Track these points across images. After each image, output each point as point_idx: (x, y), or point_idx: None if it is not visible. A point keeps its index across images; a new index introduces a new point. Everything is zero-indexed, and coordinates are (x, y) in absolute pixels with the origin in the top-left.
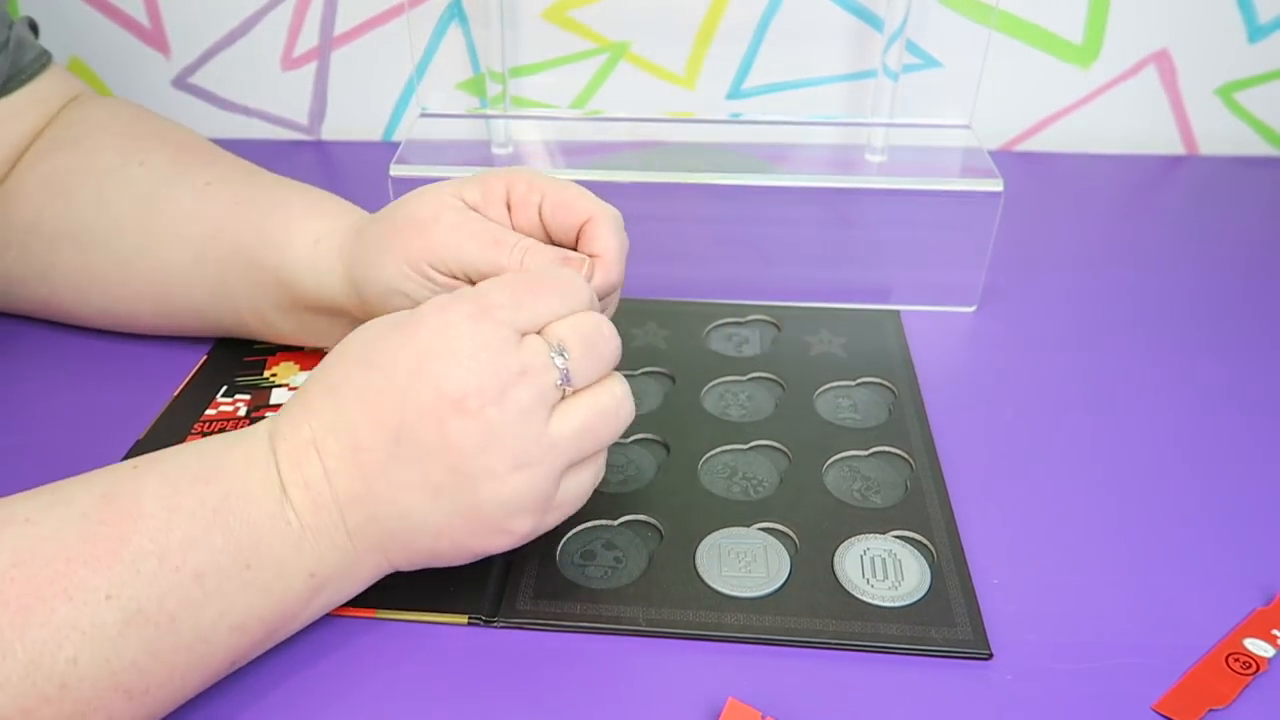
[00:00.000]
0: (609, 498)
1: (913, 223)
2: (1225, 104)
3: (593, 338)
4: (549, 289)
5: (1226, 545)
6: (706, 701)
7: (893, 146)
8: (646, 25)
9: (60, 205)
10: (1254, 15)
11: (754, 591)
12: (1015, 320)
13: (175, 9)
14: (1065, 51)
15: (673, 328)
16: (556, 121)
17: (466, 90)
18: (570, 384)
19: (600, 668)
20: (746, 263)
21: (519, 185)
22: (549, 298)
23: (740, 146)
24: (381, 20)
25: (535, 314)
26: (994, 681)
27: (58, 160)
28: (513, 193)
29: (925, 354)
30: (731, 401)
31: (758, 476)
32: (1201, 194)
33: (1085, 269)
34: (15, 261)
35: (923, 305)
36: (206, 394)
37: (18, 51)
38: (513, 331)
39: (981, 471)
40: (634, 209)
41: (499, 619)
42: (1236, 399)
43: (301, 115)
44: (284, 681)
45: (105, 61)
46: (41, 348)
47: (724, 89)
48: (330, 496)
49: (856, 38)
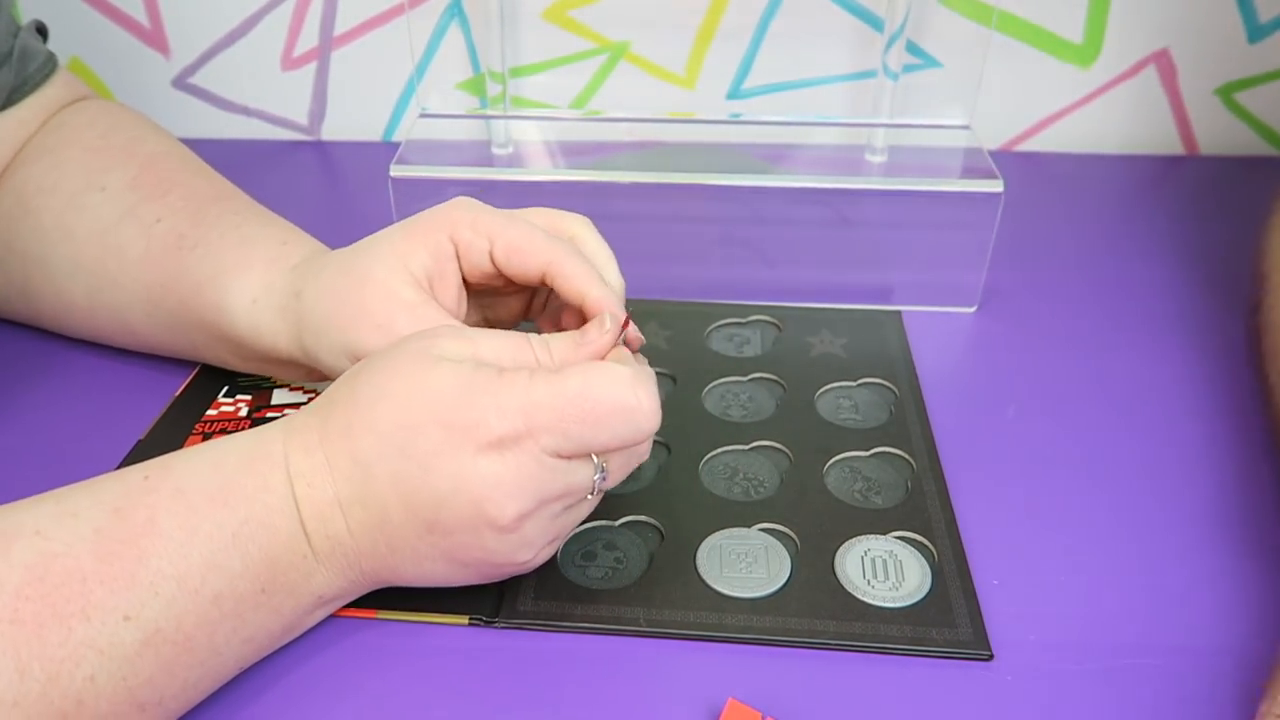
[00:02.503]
0: (610, 498)
1: (913, 223)
2: (1225, 104)
3: (637, 450)
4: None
5: (1227, 545)
6: (706, 701)
7: (893, 147)
8: (646, 25)
9: (28, 226)
10: (1254, 15)
11: (754, 592)
12: (1015, 320)
13: (175, 9)
14: (1065, 51)
15: (674, 328)
16: (556, 121)
17: (466, 90)
18: (604, 484)
19: (600, 668)
20: (747, 263)
21: (463, 233)
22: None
23: (740, 146)
24: (381, 20)
25: (591, 447)
26: (994, 682)
27: (30, 171)
28: (459, 244)
29: (926, 354)
30: (732, 402)
31: (758, 477)
32: (1201, 194)
33: (1085, 269)
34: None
35: (923, 305)
36: (207, 394)
37: (22, 62)
38: (562, 460)
39: (982, 472)
40: (634, 209)
41: (500, 619)
42: (1236, 398)
43: (301, 115)
44: (284, 681)
45: (105, 62)
46: (41, 348)
47: (724, 89)
48: (352, 548)
49: (857, 38)
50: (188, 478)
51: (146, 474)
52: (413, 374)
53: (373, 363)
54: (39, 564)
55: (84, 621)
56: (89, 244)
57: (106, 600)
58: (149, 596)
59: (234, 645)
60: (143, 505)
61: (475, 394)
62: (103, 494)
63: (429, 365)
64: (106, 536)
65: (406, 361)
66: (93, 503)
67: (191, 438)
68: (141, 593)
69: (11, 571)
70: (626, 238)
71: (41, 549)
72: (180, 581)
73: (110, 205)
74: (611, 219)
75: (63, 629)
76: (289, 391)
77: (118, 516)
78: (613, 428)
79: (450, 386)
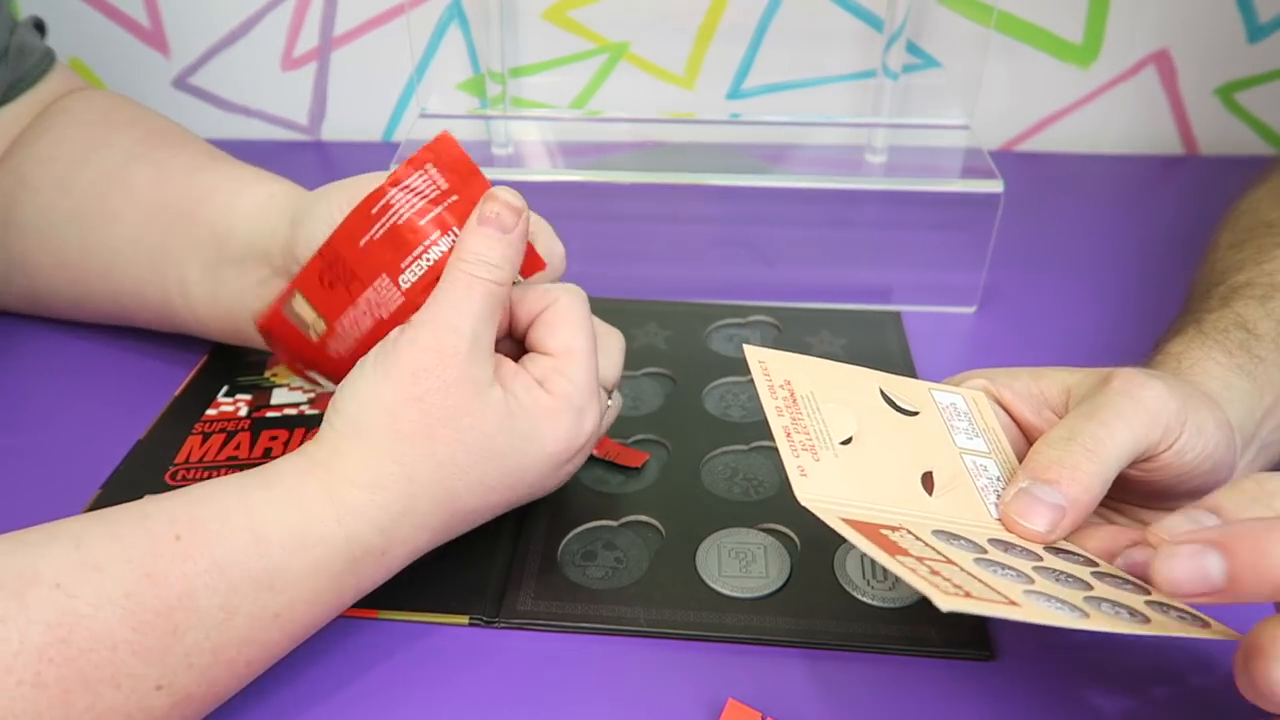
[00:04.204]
0: (610, 498)
1: (913, 223)
2: (1225, 104)
3: None
4: (616, 351)
5: None
6: (706, 701)
7: (893, 147)
8: (646, 25)
9: (27, 197)
10: (1254, 15)
11: (754, 592)
12: (1015, 320)
13: (175, 9)
14: (1065, 51)
15: (673, 328)
16: (556, 122)
17: (466, 91)
18: None
19: (600, 668)
20: (747, 263)
21: None
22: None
23: (740, 147)
24: (381, 20)
25: (608, 375)
26: (994, 682)
27: (30, 150)
28: None
29: (926, 354)
30: (732, 402)
31: (758, 477)
32: (1201, 194)
33: (1085, 269)
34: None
35: (923, 306)
36: (207, 394)
37: (19, 58)
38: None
39: None
40: (634, 209)
41: (500, 619)
42: None
43: (301, 116)
44: (285, 681)
45: (105, 62)
46: (41, 348)
47: (724, 89)
48: (402, 559)
49: (856, 38)
50: (226, 553)
51: (178, 534)
52: (467, 413)
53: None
54: (63, 624)
55: (114, 689)
56: (93, 187)
57: (138, 669)
58: (182, 668)
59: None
60: (178, 575)
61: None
62: (130, 550)
63: (479, 401)
64: (138, 604)
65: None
66: (120, 559)
67: (191, 437)
68: (175, 664)
69: (30, 628)
70: (626, 238)
71: (65, 607)
72: (215, 654)
73: (118, 154)
74: (611, 219)
75: (90, 695)
76: (289, 391)
77: (150, 582)
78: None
79: (513, 427)
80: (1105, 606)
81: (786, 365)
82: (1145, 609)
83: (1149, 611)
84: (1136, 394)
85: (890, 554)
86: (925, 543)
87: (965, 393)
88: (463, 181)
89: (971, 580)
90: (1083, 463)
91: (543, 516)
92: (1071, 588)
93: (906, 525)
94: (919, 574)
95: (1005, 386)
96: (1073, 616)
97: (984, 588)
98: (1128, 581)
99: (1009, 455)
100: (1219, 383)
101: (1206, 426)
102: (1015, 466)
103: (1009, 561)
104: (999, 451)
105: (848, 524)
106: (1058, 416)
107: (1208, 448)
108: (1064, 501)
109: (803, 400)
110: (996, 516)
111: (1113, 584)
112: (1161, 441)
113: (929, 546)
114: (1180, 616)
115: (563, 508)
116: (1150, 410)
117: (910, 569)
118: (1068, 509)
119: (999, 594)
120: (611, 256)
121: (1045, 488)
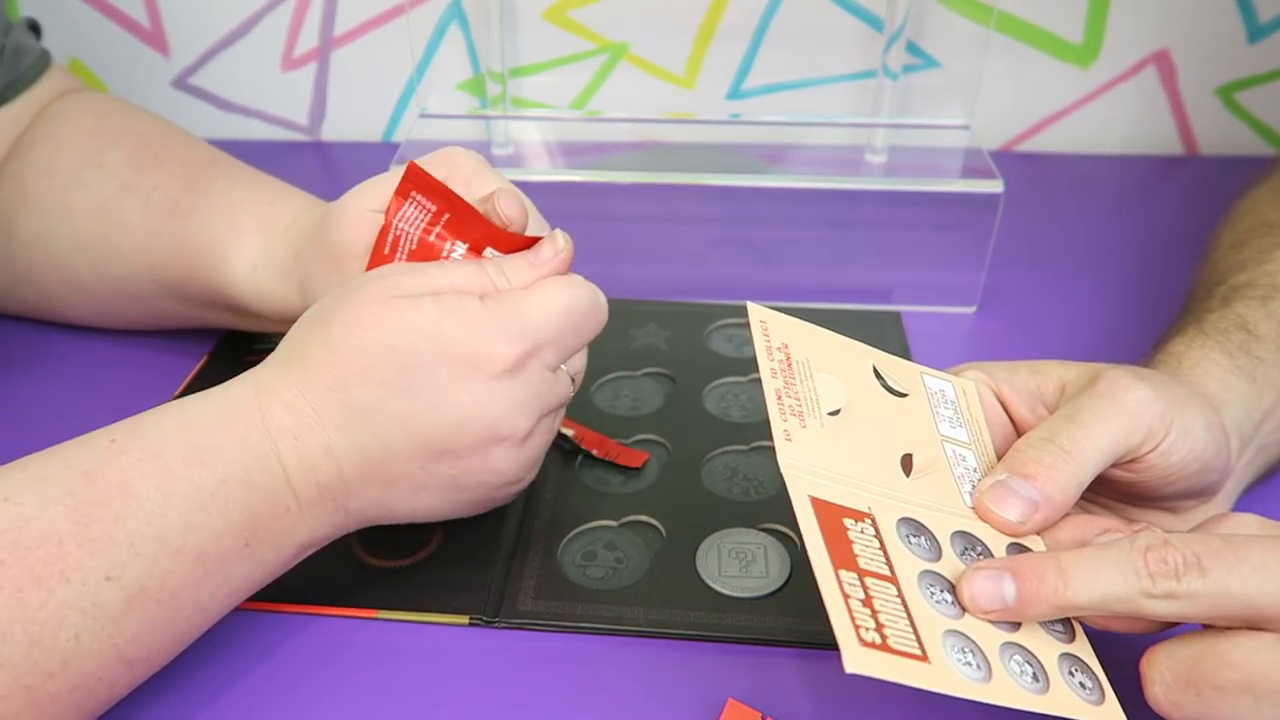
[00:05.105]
0: (610, 498)
1: (913, 223)
2: (1225, 104)
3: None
4: (588, 330)
5: None
6: (706, 701)
7: (893, 147)
8: (646, 25)
9: (31, 212)
10: (1254, 15)
11: (754, 592)
12: (1015, 320)
13: (175, 9)
14: (1065, 51)
15: (673, 328)
16: (556, 122)
17: (466, 91)
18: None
19: (600, 668)
20: (747, 263)
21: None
22: (587, 335)
23: (740, 147)
24: (381, 20)
25: (573, 351)
26: None
27: (29, 158)
28: None
29: (926, 354)
30: (732, 402)
31: (758, 477)
32: (1201, 194)
33: (1085, 269)
34: (2, 267)
35: (923, 306)
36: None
37: (14, 59)
38: (554, 372)
39: None
40: (634, 209)
41: (500, 619)
42: None
43: (301, 116)
44: (285, 681)
45: (105, 62)
46: (42, 348)
47: (724, 89)
48: (342, 492)
49: (856, 38)
50: (158, 439)
51: (113, 437)
52: (394, 317)
53: (338, 311)
54: (11, 529)
55: (64, 583)
56: (90, 219)
57: (85, 562)
58: (129, 557)
59: (218, 599)
60: (114, 468)
61: (474, 327)
62: (71, 459)
63: (407, 306)
64: (79, 499)
65: (379, 306)
66: (61, 467)
67: None
68: (121, 553)
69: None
70: (626, 238)
71: (12, 514)
72: (161, 541)
73: (108, 179)
74: (611, 219)
75: (42, 591)
76: None
77: (88, 480)
78: (589, 329)
79: (445, 323)
80: (1017, 660)
81: (786, 328)
82: (1054, 666)
83: (1056, 674)
84: (1119, 396)
85: (835, 565)
86: (881, 542)
87: (956, 381)
88: (446, 201)
89: (899, 615)
90: (1059, 463)
91: (543, 516)
92: (998, 626)
93: (874, 510)
94: (847, 607)
95: (1004, 382)
96: (976, 679)
97: (907, 627)
98: (1056, 622)
99: (988, 449)
100: (1218, 383)
101: (1195, 428)
102: (993, 461)
103: (955, 573)
104: (979, 444)
105: (813, 505)
106: (1050, 413)
107: (1195, 449)
108: (1039, 497)
109: (797, 365)
110: (970, 505)
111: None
112: (1144, 444)
113: (882, 550)
114: (1082, 684)
115: (563, 508)
116: (1132, 413)
117: (842, 597)
118: (1041, 504)
119: (916, 641)
120: (611, 256)
121: (1022, 482)
